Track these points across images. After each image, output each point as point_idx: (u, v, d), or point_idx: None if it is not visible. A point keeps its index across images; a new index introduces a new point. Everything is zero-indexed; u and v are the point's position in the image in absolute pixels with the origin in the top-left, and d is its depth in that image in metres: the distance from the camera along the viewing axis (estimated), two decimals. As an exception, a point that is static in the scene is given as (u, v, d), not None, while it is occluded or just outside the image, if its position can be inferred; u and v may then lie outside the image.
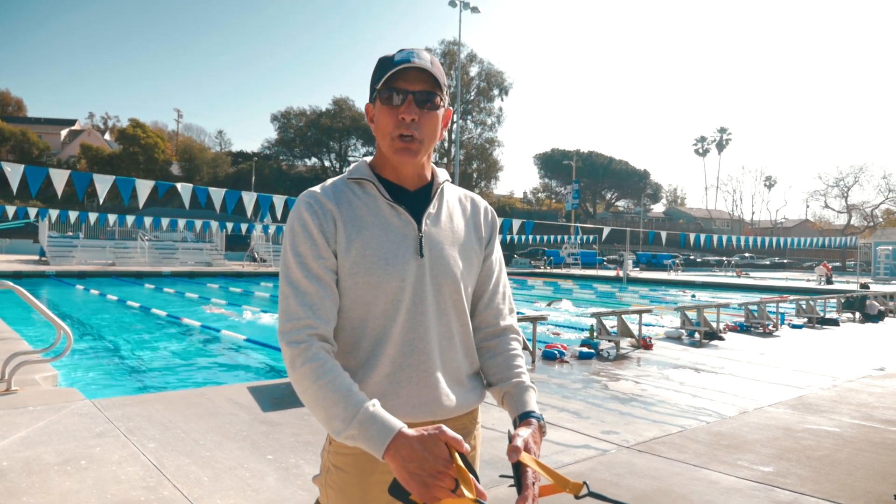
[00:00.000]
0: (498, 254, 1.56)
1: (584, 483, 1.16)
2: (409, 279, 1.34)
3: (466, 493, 1.04)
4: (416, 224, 1.38)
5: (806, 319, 12.64)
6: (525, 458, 1.17)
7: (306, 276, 1.30)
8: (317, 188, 1.40)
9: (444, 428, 1.09)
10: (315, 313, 1.28)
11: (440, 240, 1.40)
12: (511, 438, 1.24)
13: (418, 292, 1.35)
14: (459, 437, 1.09)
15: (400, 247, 1.35)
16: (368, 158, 1.47)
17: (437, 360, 1.36)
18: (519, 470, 1.19)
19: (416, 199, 1.42)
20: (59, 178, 11.69)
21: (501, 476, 1.11)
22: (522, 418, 1.35)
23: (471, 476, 1.06)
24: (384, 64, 1.35)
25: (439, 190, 1.45)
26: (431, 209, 1.42)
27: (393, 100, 1.32)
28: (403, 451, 1.09)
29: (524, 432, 1.26)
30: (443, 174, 1.48)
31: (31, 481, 3.41)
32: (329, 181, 1.43)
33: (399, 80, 1.32)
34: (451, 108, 1.43)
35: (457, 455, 1.08)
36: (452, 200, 1.49)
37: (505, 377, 1.45)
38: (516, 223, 23.44)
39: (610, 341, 8.77)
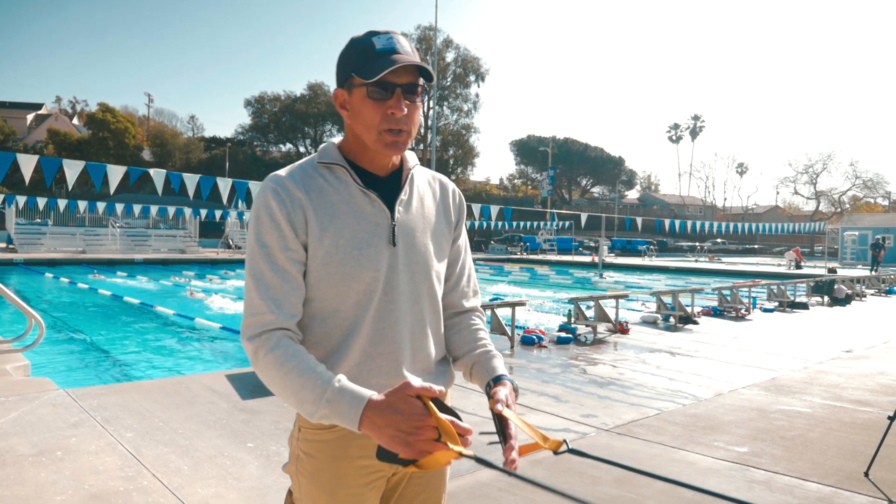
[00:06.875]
0: (464, 237, 1.55)
1: (564, 441, 1.20)
2: (382, 269, 1.32)
3: (450, 444, 1.04)
4: (389, 212, 1.35)
5: (777, 303, 12.88)
6: (507, 413, 1.21)
7: (272, 268, 1.26)
8: (283, 172, 1.33)
9: (410, 380, 1.08)
10: (279, 308, 1.25)
11: (413, 227, 1.38)
12: (491, 395, 1.28)
13: (391, 281, 1.33)
14: (427, 384, 1.07)
15: (374, 236, 1.32)
16: (336, 140, 1.42)
17: (407, 349, 1.36)
18: (502, 422, 1.22)
19: (388, 184, 1.38)
20: (27, 163, 11.37)
21: (482, 433, 1.14)
22: (496, 381, 1.34)
23: (449, 423, 1.05)
24: (362, 52, 1.28)
25: (410, 175, 1.42)
26: (403, 195, 1.38)
27: (381, 95, 1.27)
28: (376, 419, 1.08)
29: (503, 391, 1.28)
30: (412, 158, 1.45)
31: (5, 473, 3.34)
32: (296, 164, 1.36)
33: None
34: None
35: (431, 404, 1.07)
36: (423, 185, 1.47)
37: (470, 349, 1.46)
38: (494, 209, 23.49)
39: (587, 326, 8.86)
